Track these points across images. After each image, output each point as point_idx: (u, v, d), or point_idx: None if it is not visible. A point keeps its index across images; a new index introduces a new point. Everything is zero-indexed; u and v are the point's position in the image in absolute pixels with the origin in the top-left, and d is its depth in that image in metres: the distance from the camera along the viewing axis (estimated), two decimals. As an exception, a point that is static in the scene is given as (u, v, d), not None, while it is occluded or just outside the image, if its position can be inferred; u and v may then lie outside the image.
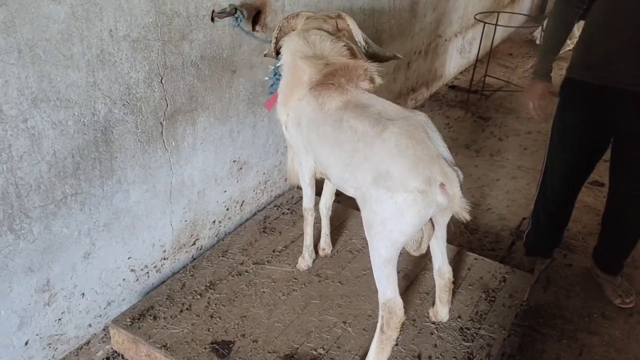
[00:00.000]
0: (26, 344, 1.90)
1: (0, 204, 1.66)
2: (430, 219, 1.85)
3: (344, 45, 2.10)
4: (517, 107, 4.92)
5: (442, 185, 1.69)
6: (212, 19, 2.22)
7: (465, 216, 1.73)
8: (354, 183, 1.84)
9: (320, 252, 2.57)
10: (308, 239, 2.46)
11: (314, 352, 2.06)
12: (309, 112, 2.02)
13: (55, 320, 1.98)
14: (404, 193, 1.68)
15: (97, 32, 1.78)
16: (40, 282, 1.87)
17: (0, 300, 1.76)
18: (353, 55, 2.11)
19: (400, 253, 1.89)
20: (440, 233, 2.03)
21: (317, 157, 2.07)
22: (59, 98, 1.73)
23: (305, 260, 2.48)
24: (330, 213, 2.54)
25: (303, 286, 2.38)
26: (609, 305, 2.67)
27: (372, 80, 2.03)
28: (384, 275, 1.83)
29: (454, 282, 2.17)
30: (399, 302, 1.84)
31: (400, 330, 1.96)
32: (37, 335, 1.93)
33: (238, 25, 2.26)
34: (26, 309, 1.86)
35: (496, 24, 5.04)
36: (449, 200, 1.71)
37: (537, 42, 6.62)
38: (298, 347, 2.08)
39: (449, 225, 2.04)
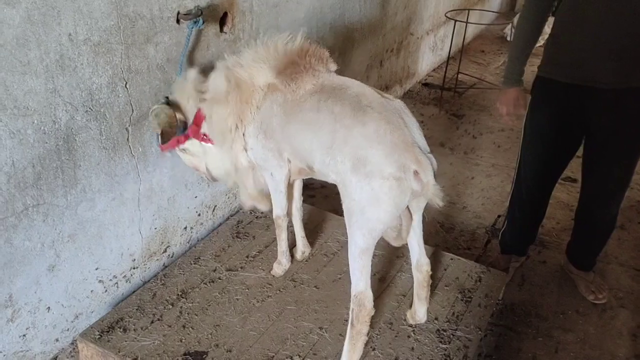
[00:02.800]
0: (-12, 362, 1.83)
1: (-45, 218, 1.58)
2: (407, 207, 1.86)
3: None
4: (490, 105, 4.94)
5: (415, 172, 1.70)
6: (178, 21, 2.16)
7: (438, 202, 1.77)
8: (335, 168, 1.82)
9: (299, 256, 2.53)
10: (283, 245, 2.40)
11: (290, 360, 2.03)
12: (277, 110, 1.98)
13: (20, 337, 1.91)
14: (380, 180, 1.69)
15: (55, 36, 1.71)
16: (2, 297, 1.80)
17: (-41, 318, 1.69)
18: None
19: (374, 255, 1.87)
20: (417, 223, 2.03)
21: (298, 149, 1.98)
22: (16, 106, 1.66)
23: (282, 266, 2.42)
24: (302, 214, 2.50)
25: (278, 292, 2.34)
26: (582, 302, 2.68)
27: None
28: (359, 266, 1.83)
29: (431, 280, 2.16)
30: (369, 294, 1.84)
31: (377, 334, 1.94)
32: (0, 352, 1.85)
33: (193, 28, 2.18)
34: (-13, 326, 1.79)
35: (467, 22, 5.05)
36: (423, 187, 1.73)
37: (508, 38, 6.67)
38: (273, 356, 2.03)
39: (424, 223, 2.04)
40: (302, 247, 2.53)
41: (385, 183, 1.69)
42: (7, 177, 1.69)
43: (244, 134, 2.07)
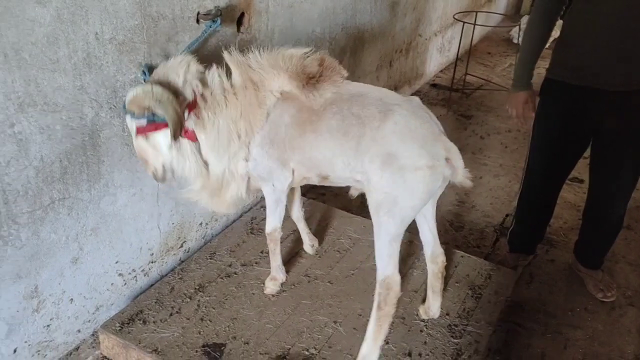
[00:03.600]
0: (15, 351, 1.88)
1: (-13, 210, 1.64)
2: None
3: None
4: (497, 106, 4.97)
5: (447, 159, 1.84)
6: (198, 21, 2.21)
7: (468, 184, 1.90)
8: (361, 169, 1.89)
9: (310, 249, 2.58)
10: (279, 259, 2.34)
11: (306, 352, 2.07)
12: (287, 120, 1.97)
13: (44, 327, 1.96)
14: (414, 171, 1.79)
15: (83, 35, 1.76)
16: (29, 288, 1.85)
17: (-12, 308, 1.74)
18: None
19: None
20: (431, 214, 2.12)
21: (315, 158, 1.98)
22: (46, 102, 1.71)
23: (277, 281, 2.35)
24: (303, 214, 2.53)
25: (292, 287, 2.39)
26: (591, 300, 2.72)
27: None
28: (388, 252, 1.91)
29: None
30: (397, 278, 1.92)
31: (390, 329, 1.99)
32: (25, 342, 1.91)
33: (211, 27, 2.21)
34: (14, 316, 1.83)
35: (475, 23, 5.09)
36: (454, 172, 1.86)
37: (514, 40, 6.70)
38: (290, 348, 2.08)
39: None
40: (310, 240, 2.59)
41: (420, 173, 1.79)
42: (36, 172, 1.74)
43: (249, 143, 2.01)
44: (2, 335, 1.82)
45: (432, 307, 2.22)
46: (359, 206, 3.34)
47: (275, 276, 2.35)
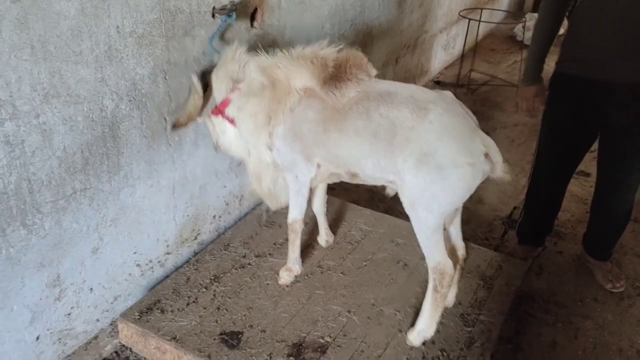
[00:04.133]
0: (37, 339, 1.92)
1: (13, 199, 1.67)
2: None
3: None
4: (503, 101, 5.01)
5: (486, 155, 1.83)
6: (213, 15, 2.25)
7: (507, 178, 1.89)
8: (393, 169, 1.89)
9: (324, 244, 2.61)
10: (297, 251, 2.37)
11: (321, 340, 2.11)
12: (312, 116, 2.01)
13: (65, 315, 2.00)
14: (454, 169, 1.79)
15: (105, 28, 1.80)
16: (51, 277, 1.89)
17: (13, 295, 1.78)
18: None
19: (397, 243, 1.97)
20: (458, 207, 2.12)
21: (341, 156, 2.01)
22: (69, 94, 1.75)
23: (292, 273, 2.38)
24: (325, 209, 2.58)
25: (306, 277, 2.42)
26: (600, 290, 2.76)
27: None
28: (432, 242, 1.95)
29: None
30: (449, 263, 1.99)
31: (403, 317, 2.04)
32: (47, 330, 1.94)
33: (226, 21, 2.26)
34: (37, 304, 1.87)
35: (480, 20, 5.12)
36: (493, 167, 1.86)
37: (518, 38, 6.73)
38: (305, 336, 2.12)
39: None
40: (326, 236, 2.62)
41: (460, 171, 1.79)
42: (59, 162, 1.78)
43: (270, 134, 2.09)
44: (26, 322, 1.85)
45: (448, 296, 2.26)
46: (367, 200, 3.39)
47: (291, 268, 2.38)
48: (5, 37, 1.52)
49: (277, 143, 2.10)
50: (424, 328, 2.09)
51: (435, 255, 1.96)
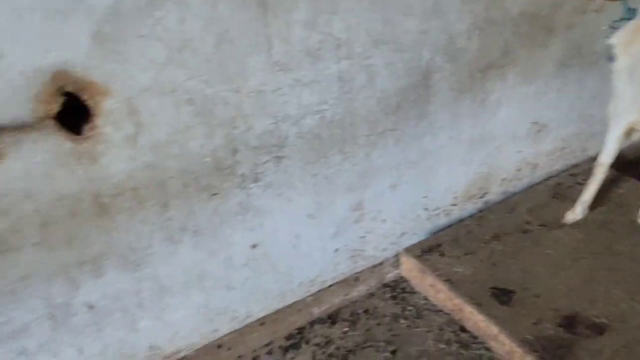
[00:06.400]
0: (336, 251, 2.26)
1: (337, 128, 1.98)
2: None
3: None
4: None
5: None
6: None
7: None
8: None
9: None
10: (588, 195, 2.47)
11: (596, 320, 2.00)
12: None
13: (360, 237, 2.30)
14: None
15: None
16: (355, 201, 2.19)
17: (324, 209, 2.12)
18: None
19: None
20: None
21: None
22: (394, 42, 1.96)
23: (575, 215, 2.49)
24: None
25: (592, 256, 2.30)
26: None
27: None
28: None
29: None
30: None
31: None
32: (345, 246, 2.27)
33: None
34: (341, 222, 2.20)
35: None
36: None
37: None
38: (580, 312, 2.04)
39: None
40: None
41: None
42: (377, 101, 2.03)
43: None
44: (330, 235, 2.20)
45: None
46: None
47: (576, 209, 2.49)
48: (354, -12, 1.79)
49: (622, 71, 2.16)
50: None
51: None
